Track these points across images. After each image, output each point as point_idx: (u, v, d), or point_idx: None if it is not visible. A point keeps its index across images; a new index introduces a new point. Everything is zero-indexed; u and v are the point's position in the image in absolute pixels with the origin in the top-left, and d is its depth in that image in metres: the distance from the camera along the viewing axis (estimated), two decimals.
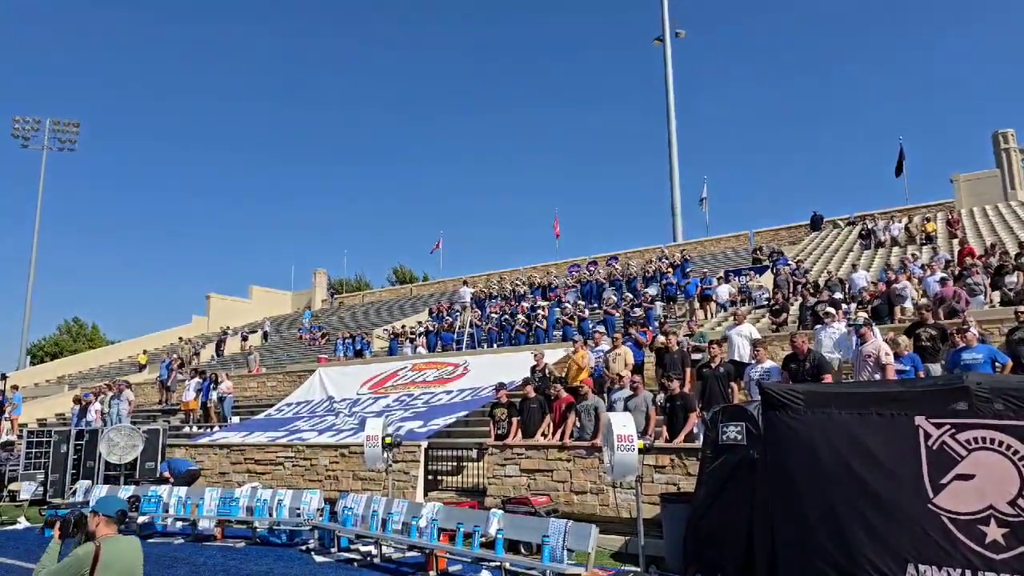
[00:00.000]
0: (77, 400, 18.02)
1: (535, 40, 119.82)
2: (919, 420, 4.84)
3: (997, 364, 7.60)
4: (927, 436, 4.79)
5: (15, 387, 20.52)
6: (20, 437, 16.27)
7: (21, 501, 13.51)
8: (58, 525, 3.66)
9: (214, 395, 17.12)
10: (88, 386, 23.41)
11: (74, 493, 12.48)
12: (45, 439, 14.61)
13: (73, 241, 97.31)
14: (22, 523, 11.80)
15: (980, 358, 7.62)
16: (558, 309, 18.83)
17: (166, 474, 12.87)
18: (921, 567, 4.58)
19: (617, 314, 17.48)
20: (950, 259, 16.77)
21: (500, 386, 11.16)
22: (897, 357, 7.96)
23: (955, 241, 20.57)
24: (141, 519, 10.56)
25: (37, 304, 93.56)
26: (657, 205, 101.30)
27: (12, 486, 14.70)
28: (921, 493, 4.70)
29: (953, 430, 4.70)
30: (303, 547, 9.27)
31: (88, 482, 12.54)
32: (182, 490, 10.96)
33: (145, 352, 30.93)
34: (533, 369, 12.14)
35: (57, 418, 22.35)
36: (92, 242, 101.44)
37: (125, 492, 11.18)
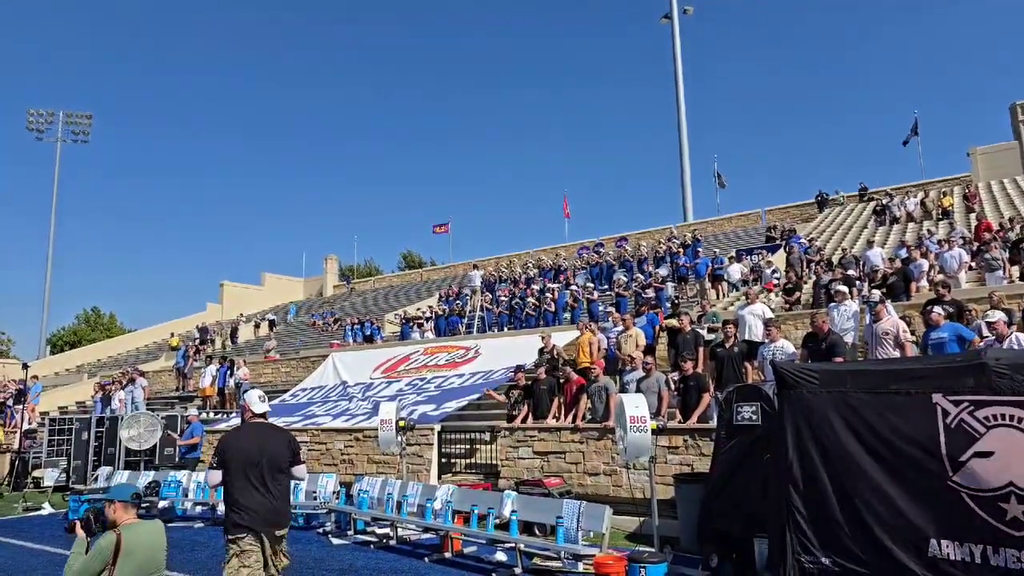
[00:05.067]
0: (100, 387, 18.33)
1: (542, 20, 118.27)
2: (936, 397, 4.77)
3: (965, 341, 7.51)
4: (945, 413, 4.72)
5: (34, 377, 20.89)
6: (41, 425, 16.60)
7: (45, 487, 13.78)
8: (80, 525, 3.70)
9: (231, 381, 17.31)
10: (108, 374, 23.75)
11: (96, 479, 12.71)
12: (67, 426, 14.86)
13: (90, 232, 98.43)
14: (46, 509, 12.05)
15: (945, 337, 7.58)
16: (568, 291, 18.78)
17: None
18: (943, 543, 4.55)
19: (628, 295, 17.40)
20: (967, 234, 16.48)
21: (518, 368, 11.16)
22: (935, 327, 7.82)
23: (972, 216, 20.21)
24: (162, 504, 10.73)
25: (57, 295, 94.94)
26: (667, 186, 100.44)
27: (36, 473, 15.03)
28: (940, 470, 4.65)
29: (972, 407, 4.63)
30: (320, 530, 9.39)
31: (109, 468, 12.75)
32: (201, 475, 11.12)
33: (173, 335, 31.39)
34: (541, 351, 12.13)
35: (77, 406, 22.73)
36: (107, 233, 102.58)
37: (145, 477, 11.36)
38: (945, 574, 4.53)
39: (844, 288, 10.17)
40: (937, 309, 7.96)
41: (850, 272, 13.50)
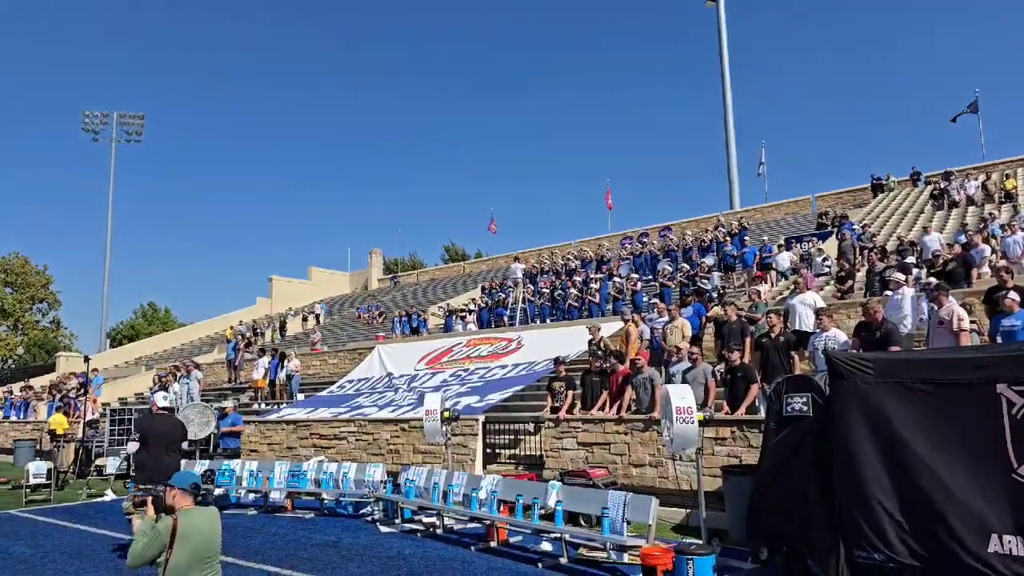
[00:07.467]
0: (158, 379, 19.23)
1: (584, 8, 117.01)
2: (1001, 388, 4.57)
3: None
4: (1010, 404, 4.52)
5: (95, 370, 21.98)
6: (103, 416, 17.49)
7: (107, 475, 14.48)
8: (151, 501, 3.91)
9: (282, 373, 17.79)
10: (164, 366, 24.82)
11: None
12: (127, 417, 15.63)
13: (145, 229, 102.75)
14: (109, 495, 12.66)
15: (1018, 325, 7.28)
16: (611, 282, 18.64)
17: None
18: (1006, 538, 4.37)
19: (673, 286, 17.14)
20: None
21: (559, 360, 11.17)
22: (1007, 314, 7.49)
23: None
24: (217, 491, 11.16)
25: (115, 290, 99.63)
26: (712, 173, 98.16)
27: (99, 461, 15.81)
28: (1004, 463, 4.46)
29: None
30: (368, 518, 9.62)
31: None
32: (254, 464, 11.53)
33: (232, 328, 32.57)
34: (590, 343, 12.09)
35: (136, 397, 23.82)
36: (161, 229, 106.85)
37: (201, 466, 11.81)
38: (1008, 571, 4.35)
39: (900, 276, 9.79)
40: (1012, 295, 7.62)
41: (907, 259, 12.97)
